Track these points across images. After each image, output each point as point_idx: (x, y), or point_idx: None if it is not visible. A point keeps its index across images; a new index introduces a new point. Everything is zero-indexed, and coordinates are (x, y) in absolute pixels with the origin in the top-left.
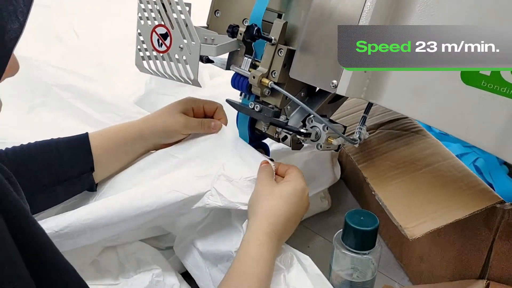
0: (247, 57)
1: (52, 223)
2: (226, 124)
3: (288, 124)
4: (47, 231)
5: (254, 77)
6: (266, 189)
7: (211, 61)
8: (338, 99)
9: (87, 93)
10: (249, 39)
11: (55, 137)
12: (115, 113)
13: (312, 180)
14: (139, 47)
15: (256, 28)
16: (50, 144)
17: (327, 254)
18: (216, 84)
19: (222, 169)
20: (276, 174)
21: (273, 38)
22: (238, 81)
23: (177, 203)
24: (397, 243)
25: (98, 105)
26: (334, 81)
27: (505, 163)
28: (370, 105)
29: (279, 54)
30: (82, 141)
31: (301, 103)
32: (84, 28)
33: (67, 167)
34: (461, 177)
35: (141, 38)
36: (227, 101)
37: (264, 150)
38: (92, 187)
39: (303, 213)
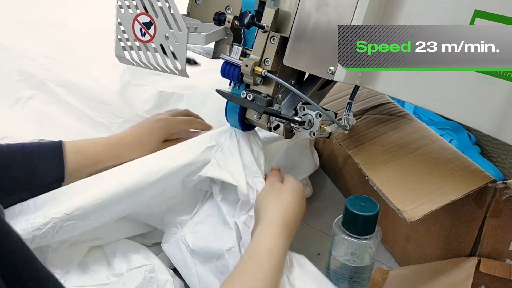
0: (236, 45)
1: (62, 206)
2: (210, 129)
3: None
4: (57, 215)
5: (246, 66)
6: (275, 187)
7: (197, 63)
8: (325, 87)
9: (82, 90)
10: (243, 26)
11: (46, 132)
12: (113, 113)
13: (295, 167)
14: (119, 37)
15: (250, 15)
16: (23, 148)
17: (313, 240)
18: (192, 73)
19: (228, 139)
20: None
21: (265, 25)
22: (229, 70)
23: (183, 171)
24: (381, 225)
25: (93, 104)
26: (332, 68)
27: (477, 143)
28: (355, 90)
29: (272, 41)
30: (56, 151)
31: (298, 91)
32: (55, 16)
33: (38, 177)
34: (452, 158)
35: (122, 27)
36: (217, 91)
37: None
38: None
39: (304, 210)
